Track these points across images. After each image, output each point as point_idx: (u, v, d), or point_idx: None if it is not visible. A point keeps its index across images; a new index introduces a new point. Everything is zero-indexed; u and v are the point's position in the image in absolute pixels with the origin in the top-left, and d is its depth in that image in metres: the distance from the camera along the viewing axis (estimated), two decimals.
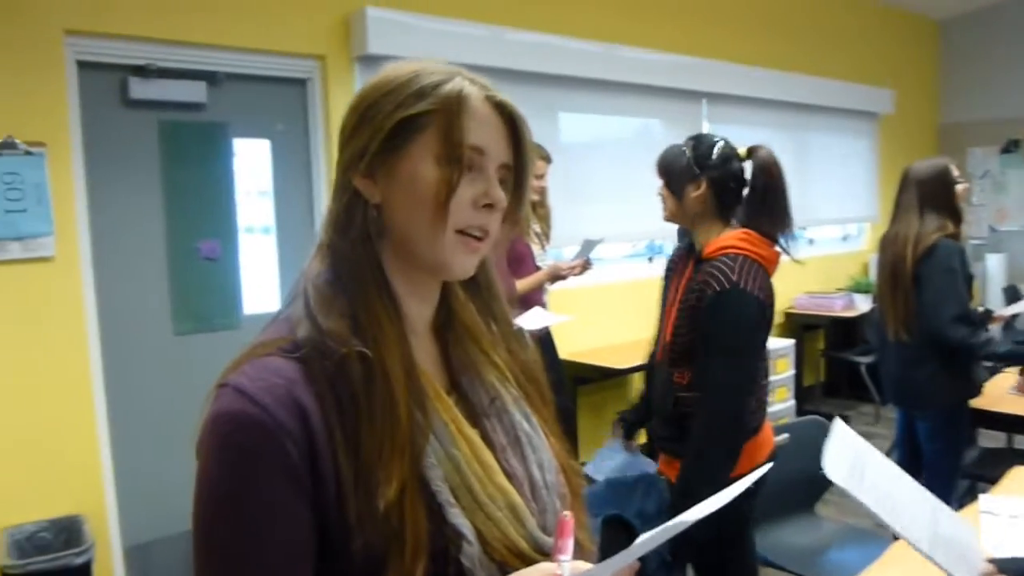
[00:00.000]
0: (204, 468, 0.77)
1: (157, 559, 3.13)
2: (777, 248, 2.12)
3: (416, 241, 0.85)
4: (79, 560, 2.51)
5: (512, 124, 0.88)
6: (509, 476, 0.87)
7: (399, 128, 0.83)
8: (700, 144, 2.19)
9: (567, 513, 0.83)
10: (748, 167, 2.19)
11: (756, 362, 2.08)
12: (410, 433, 0.79)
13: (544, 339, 4.01)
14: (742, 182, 2.20)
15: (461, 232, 0.85)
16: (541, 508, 0.89)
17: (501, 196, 0.86)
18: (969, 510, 2.14)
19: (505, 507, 0.84)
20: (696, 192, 2.15)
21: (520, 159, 0.89)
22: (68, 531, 2.77)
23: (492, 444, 0.88)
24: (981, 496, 2.17)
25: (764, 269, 2.08)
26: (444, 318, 0.94)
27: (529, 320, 3.28)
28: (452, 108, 0.83)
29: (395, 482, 0.76)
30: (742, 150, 2.21)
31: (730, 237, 2.10)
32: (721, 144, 2.19)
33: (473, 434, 0.86)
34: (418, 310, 0.90)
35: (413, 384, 0.82)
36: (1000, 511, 2.02)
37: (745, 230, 2.11)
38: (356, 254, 0.85)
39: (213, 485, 0.77)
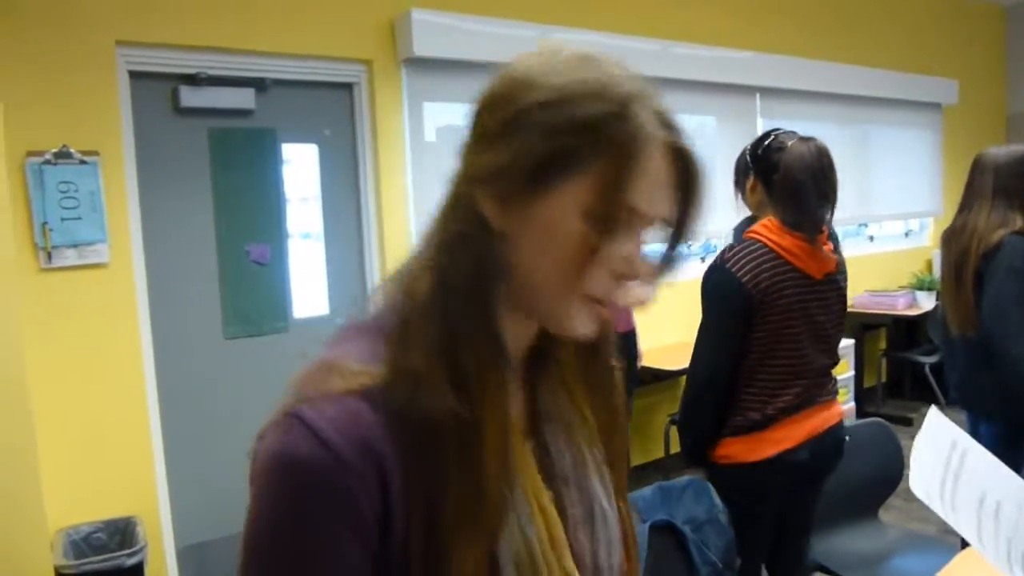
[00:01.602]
0: (259, 510, 0.68)
1: (210, 559, 3.17)
2: (803, 239, 2.08)
3: (536, 296, 0.72)
4: (131, 561, 2.55)
5: (687, 172, 0.72)
6: (575, 555, 0.78)
7: (550, 159, 0.67)
8: (759, 139, 2.23)
9: None
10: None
11: (736, 343, 2.07)
12: (497, 510, 0.70)
13: (629, 336, 3.90)
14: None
15: (590, 298, 0.71)
16: None
17: (644, 269, 0.72)
18: None
19: None
20: (750, 185, 2.21)
21: (686, 217, 0.74)
22: (123, 532, 2.82)
23: (565, 515, 0.78)
24: None
25: (776, 258, 2.06)
26: (540, 356, 0.82)
27: None
28: (621, 158, 0.67)
29: (471, 564, 0.68)
30: (795, 140, 2.16)
31: (758, 224, 2.14)
32: (772, 138, 2.18)
33: (550, 506, 0.76)
34: (514, 348, 0.77)
35: (508, 455, 0.71)
36: None
37: (770, 218, 2.12)
38: (469, 287, 0.70)
39: (268, 533, 0.67)
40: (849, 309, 5.81)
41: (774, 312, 2.05)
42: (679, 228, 0.75)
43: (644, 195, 0.68)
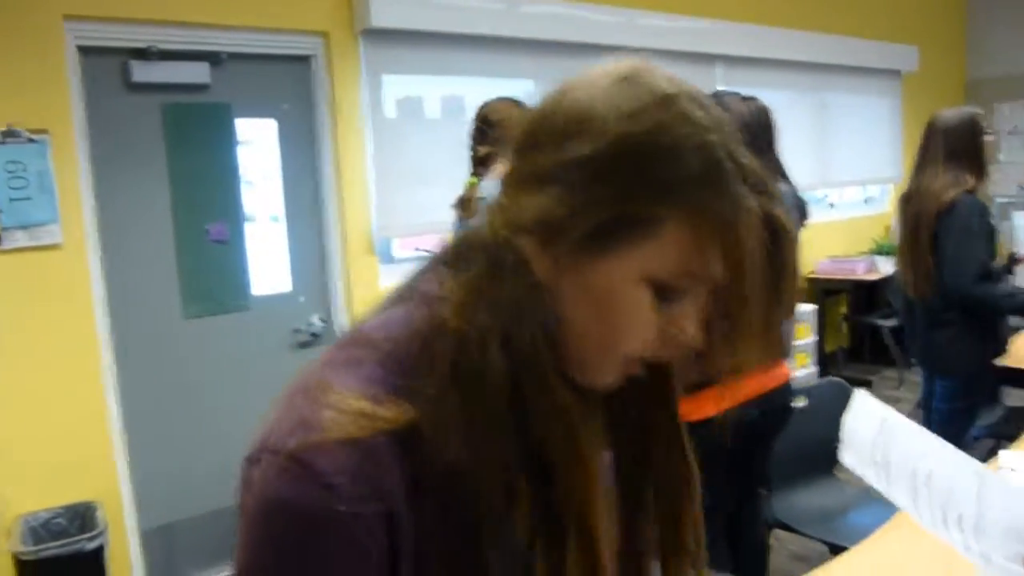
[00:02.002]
0: (255, 558, 0.61)
1: (175, 541, 3.16)
2: None
3: (577, 355, 0.64)
4: (91, 545, 2.53)
5: (777, 243, 0.64)
6: None
7: (620, 222, 0.59)
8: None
9: None
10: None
11: None
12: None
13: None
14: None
15: (631, 357, 0.65)
16: None
17: (697, 336, 0.64)
18: (990, 467, 2.08)
19: None
20: None
21: (779, 286, 0.67)
22: (83, 517, 2.79)
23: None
24: (1001, 452, 2.12)
25: None
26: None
27: None
28: (714, 226, 0.58)
29: None
30: (737, 101, 2.19)
31: None
32: (714, 99, 2.19)
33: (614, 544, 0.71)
34: None
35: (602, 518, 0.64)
36: (1021, 466, 1.96)
37: None
38: (520, 330, 0.62)
39: None
40: (810, 275, 5.93)
41: None
42: (776, 298, 0.67)
43: (708, 263, 0.60)
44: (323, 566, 0.59)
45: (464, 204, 2.54)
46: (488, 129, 2.48)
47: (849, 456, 1.12)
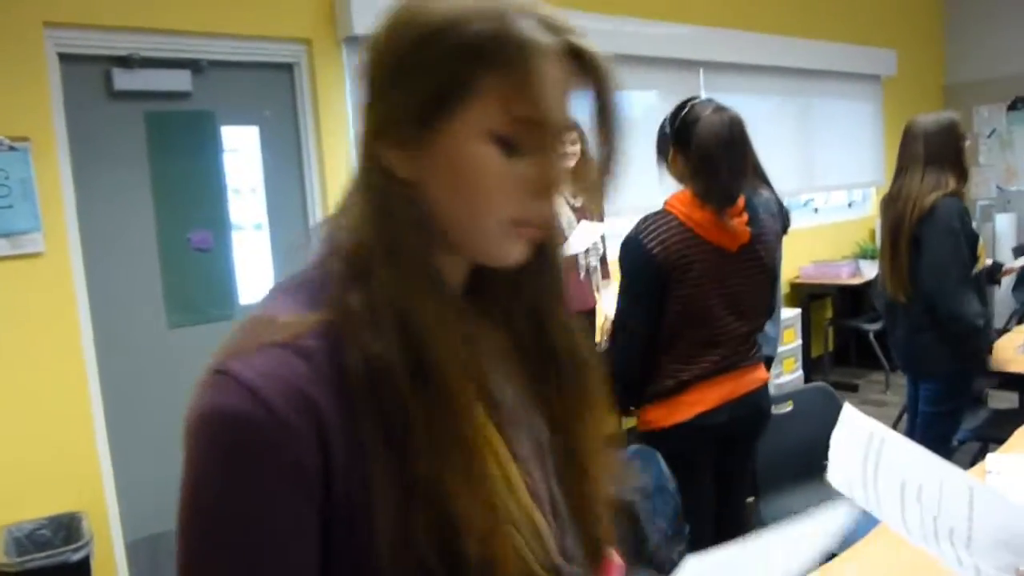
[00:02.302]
0: (193, 472, 0.64)
1: (162, 552, 3.13)
2: (714, 213, 2.12)
3: (456, 229, 0.70)
4: (76, 556, 2.50)
5: (595, 76, 0.69)
6: (532, 493, 0.75)
7: (441, 92, 0.66)
8: (676, 110, 2.22)
9: (614, 556, 0.76)
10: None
11: (653, 304, 2.13)
12: (479, 450, 0.67)
13: (589, 315, 3.79)
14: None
15: (516, 221, 0.70)
16: (561, 529, 0.79)
17: (560, 181, 0.70)
18: (976, 471, 2.09)
19: (529, 533, 0.72)
20: (671, 157, 2.21)
21: (609, 119, 0.72)
22: (67, 528, 2.76)
23: (515, 455, 0.75)
24: (988, 455, 2.13)
25: (686, 230, 2.10)
26: (476, 297, 0.79)
27: (579, 239, 3.15)
28: (511, 69, 0.65)
29: (481, 514, 0.66)
30: (709, 112, 2.18)
31: (673, 196, 2.18)
32: (688, 109, 2.19)
33: (501, 445, 0.73)
34: (450, 287, 0.75)
35: (471, 394, 0.69)
36: (1006, 470, 1.98)
37: (685, 191, 2.16)
38: (400, 235, 0.69)
39: (206, 496, 0.64)
40: (795, 280, 5.95)
41: (686, 284, 2.10)
42: (602, 133, 0.72)
43: (543, 105, 0.66)
44: (252, 468, 0.62)
45: None
46: None
47: (837, 476, 1.11)
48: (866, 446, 1.13)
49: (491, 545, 0.67)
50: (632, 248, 2.14)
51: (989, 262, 3.56)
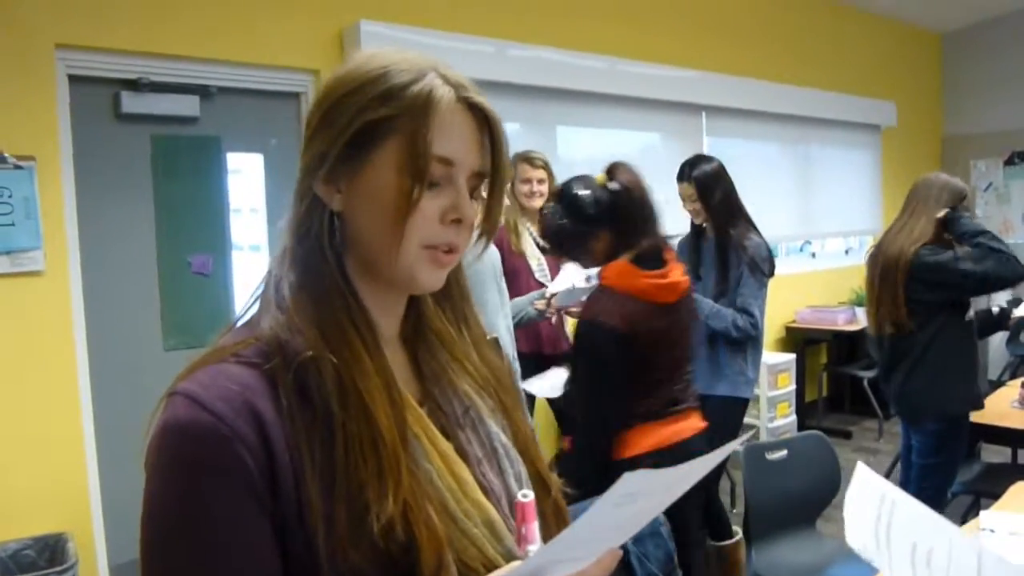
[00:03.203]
0: (152, 486, 0.71)
1: None
2: (657, 274, 2.12)
3: (378, 255, 0.80)
4: None
5: (488, 127, 0.82)
6: (486, 491, 0.83)
7: (362, 133, 0.78)
8: (574, 196, 2.18)
9: (526, 493, 0.81)
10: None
11: (622, 388, 2.10)
12: (396, 450, 0.74)
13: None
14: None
15: (426, 247, 0.80)
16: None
17: (470, 211, 0.81)
18: (970, 527, 2.08)
19: (482, 523, 0.80)
20: (601, 239, 2.17)
21: (496, 166, 0.83)
22: (52, 549, 2.72)
23: (467, 457, 0.84)
24: (982, 513, 2.12)
25: (633, 298, 2.09)
26: (413, 326, 0.90)
27: (561, 280, 3.09)
28: (418, 114, 0.77)
29: (390, 499, 0.71)
30: (600, 177, 2.20)
31: (610, 272, 2.14)
32: (587, 190, 2.16)
33: (447, 447, 0.82)
34: (386, 321, 0.85)
35: (392, 395, 0.77)
36: (1000, 528, 1.97)
37: (617, 263, 2.14)
38: (317, 262, 0.80)
39: (163, 504, 0.70)
40: (790, 324, 5.95)
41: (640, 349, 2.09)
42: (493, 176, 0.83)
43: (447, 144, 0.78)
44: (204, 470, 0.69)
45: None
46: None
47: (854, 538, 1.11)
48: (878, 507, 1.13)
49: (409, 533, 0.73)
50: (597, 335, 2.09)
51: (996, 308, 3.59)
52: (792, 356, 5.27)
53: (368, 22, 3.51)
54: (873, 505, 1.13)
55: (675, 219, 3.42)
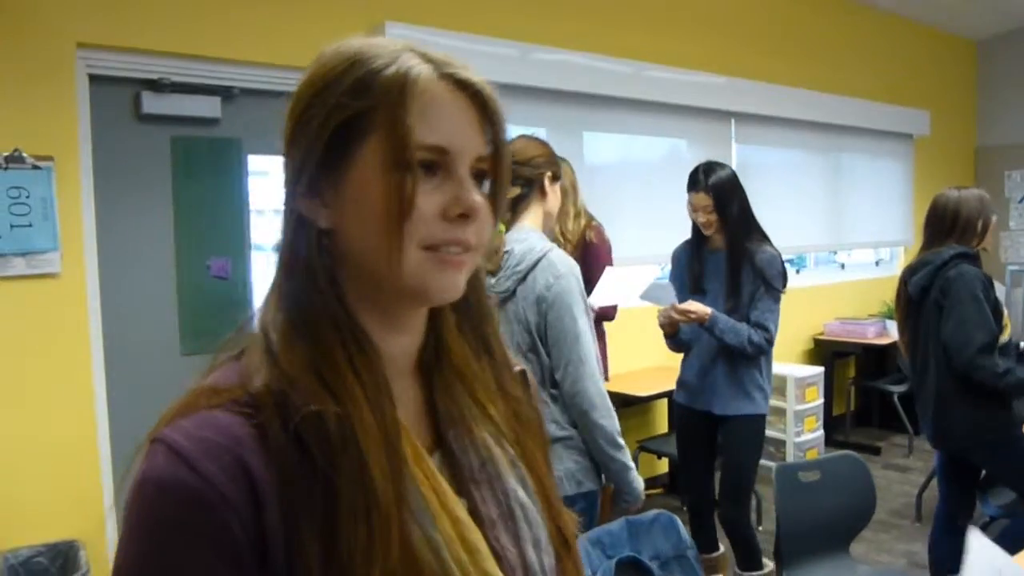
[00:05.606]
0: (125, 542, 0.63)
1: None
2: None
3: (378, 268, 0.69)
4: None
5: (482, 105, 0.71)
6: (499, 559, 0.73)
7: (338, 135, 0.68)
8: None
9: None
10: None
11: None
12: (391, 515, 0.65)
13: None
14: None
15: (430, 248, 0.69)
16: None
17: (476, 201, 0.70)
18: (1019, 560, 1.97)
19: None
20: None
21: (496, 150, 0.73)
22: (65, 556, 2.68)
23: (481, 518, 0.73)
24: None
25: None
26: (431, 353, 0.78)
27: (607, 291, 2.97)
28: (395, 101, 0.67)
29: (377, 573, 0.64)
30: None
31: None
32: None
33: (460, 509, 0.72)
34: (400, 346, 0.75)
35: (391, 449, 0.67)
36: None
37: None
38: (309, 294, 0.69)
39: (134, 565, 0.62)
40: (819, 336, 5.84)
41: None
42: (492, 156, 0.73)
43: (435, 128, 0.68)
44: (179, 536, 0.61)
45: (487, 256, 2.33)
46: (516, 168, 2.13)
47: None
48: None
49: None
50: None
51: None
52: (821, 369, 5.14)
53: (394, 24, 3.45)
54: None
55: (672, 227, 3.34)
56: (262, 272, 3.39)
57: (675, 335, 3.06)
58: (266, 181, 3.40)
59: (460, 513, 0.71)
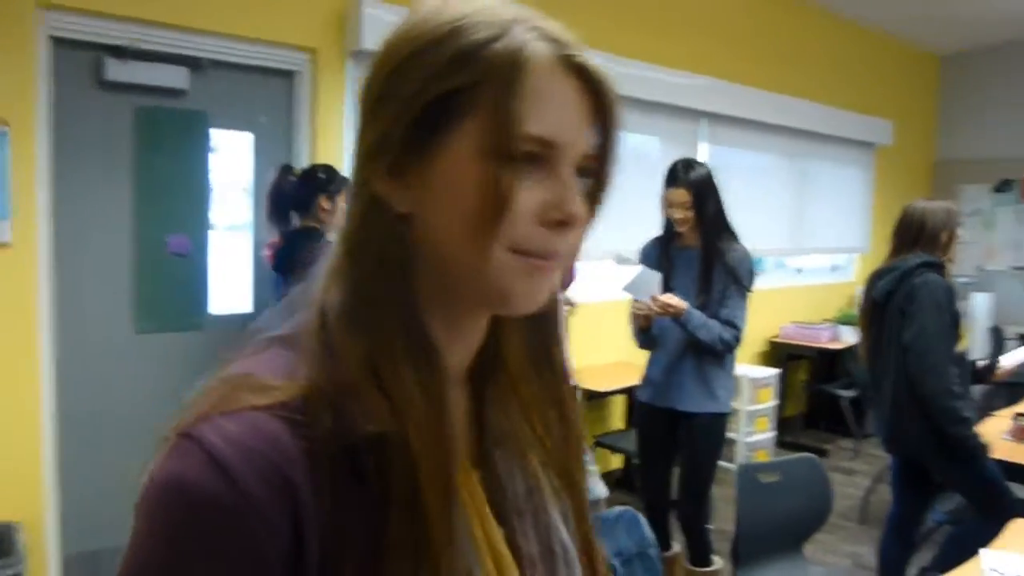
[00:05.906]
0: (141, 544, 0.56)
1: (100, 571, 2.94)
2: None
3: (456, 265, 0.61)
4: (7, 573, 2.32)
5: (597, 94, 0.62)
6: None
7: (433, 109, 0.59)
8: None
9: None
10: None
11: None
12: (442, 551, 0.59)
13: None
14: None
15: (520, 252, 0.60)
16: None
17: (578, 210, 0.60)
18: (971, 567, 2.01)
19: None
20: None
21: (607, 148, 0.64)
22: (1, 540, 2.57)
23: (520, 555, 0.67)
24: (981, 551, 2.05)
25: None
26: (487, 360, 0.70)
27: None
28: (505, 80, 0.58)
29: None
30: None
31: None
32: None
33: (502, 544, 0.66)
34: (458, 355, 0.67)
35: (452, 484, 0.60)
36: (1007, 570, 1.90)
37: None
38: (379, 288, 0.61)
39: (151, 574, 0.55)
40: (774, 339, 5.91)
41: None
42: (600, 154, 0.64)
43: (546, 118, 0.59)
44: (204, 553, 0.53)
45: None
46: None
47: None
48: None
49: None
50: None
51: (983, 362, 3.54)
52: (776, 371, 5.22)
53: (371, 4, 3.37)
54: None
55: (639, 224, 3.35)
56: (223, 250, 3.30)
57: (648, 329, 3.04)
58: (231, 157, 3.31)
59: (502, 548, 0.65)
